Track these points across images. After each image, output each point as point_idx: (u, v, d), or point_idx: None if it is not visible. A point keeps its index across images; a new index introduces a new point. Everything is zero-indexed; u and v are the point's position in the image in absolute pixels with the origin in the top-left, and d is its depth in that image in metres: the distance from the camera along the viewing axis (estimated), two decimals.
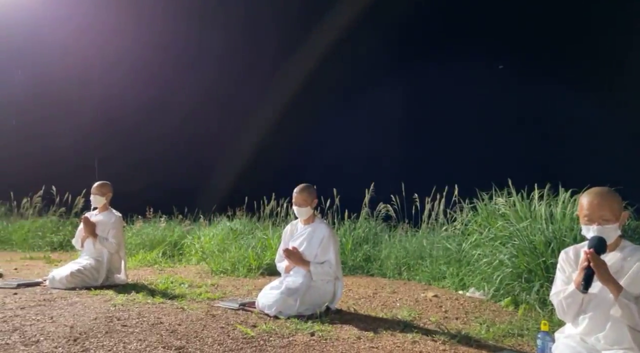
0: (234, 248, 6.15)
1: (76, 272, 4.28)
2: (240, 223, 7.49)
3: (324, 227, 3.62)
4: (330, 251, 3.55)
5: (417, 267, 5.56)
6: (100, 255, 4.48)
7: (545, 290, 3.68)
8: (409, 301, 4.14)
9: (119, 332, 2.75)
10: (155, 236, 7.45)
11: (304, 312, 3.33)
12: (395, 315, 3.49)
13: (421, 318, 3.44)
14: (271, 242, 6.16)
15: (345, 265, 5.86)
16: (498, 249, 4.40)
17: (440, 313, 3.64)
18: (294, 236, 3.72)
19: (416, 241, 5.99)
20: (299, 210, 3.64)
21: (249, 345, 2.59)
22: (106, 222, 4.57)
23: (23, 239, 8.07)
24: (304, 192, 3.62)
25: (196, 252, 6.76)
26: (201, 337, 2.72)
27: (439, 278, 5.15)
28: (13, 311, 3.22)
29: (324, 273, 3.51)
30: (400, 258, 5.78)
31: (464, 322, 3.38)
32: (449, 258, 5.29)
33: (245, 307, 3.58)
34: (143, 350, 2.43)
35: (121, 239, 4.63)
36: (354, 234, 6.54)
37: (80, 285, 4.24)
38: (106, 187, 4.70)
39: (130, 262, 6.18)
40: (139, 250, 7.04)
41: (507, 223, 4.52)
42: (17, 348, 2.38)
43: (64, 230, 8.34)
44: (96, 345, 2.47)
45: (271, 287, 3.54)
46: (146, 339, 2.61)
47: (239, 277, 5.42)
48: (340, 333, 2.92)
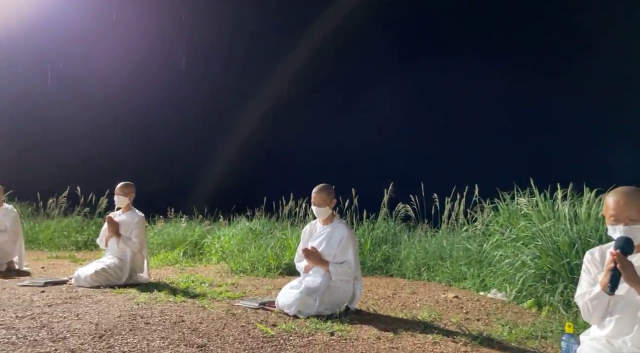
0: (253, 248, 6.19)
1: (101, 271, 4.38)
2: (259, 224, 7.54)
3: (343, 228, 3.62)
4: (349, 251, 3.55)
5: (437, 268, 5.51)
6: (123, 255, 4.58)
7: (570, 292, 3.60)
8: (429, 302, 4.10)
9: (142, 329, 2.81)
10: (177, 236, 7.57)
11: (323, 312, 3.33)
12: (416, 316, 3.47)
13: (442, 320, 3.41)
14: (290, 242, 6.19)
15: (365, 266, 5.84)
16: (520, 250, 4.33)
17: (462, 315, 3.60)
18: (313, 236, 3.73)
19: (436, 242, 5.94)
20: (318, 210, 3.64)
21: (270, 344, 2.61)
22: (129, 222, 4.67)
23: (50, 239, 8.28)
24: (322, 193, 3.62)
25: (216, 252, 6.84)
26: (222, 335, 2.75)
27: (460, 279, 5.09)
28: (41, 308, 3.32)
29: (343, 274, 3.50)
30: (420, 259, 5.73)
31: (486, 323, 3.34)
32: (470, 259, 5.22)
33: (265, 306, 3.60)
34: (166, 347, 2.47)
35: (144, 239, 4.72)
36: (373, 235, 6.52)
37: (105, 284, 4.33)
38: (129, 188, 4.79)
39: (152, 261, 6.28)
40: (160, 250, 7.16)
41: (529, 224, 4.44)
42: (45, 344, 2.45)
43: (89, 230, 8.54)
44: (121, 343, 2.52)
45: (291, 286, 3.56)
46: (169, 337, 2.66)
47: (259, 276, 5.46)
48: (360, 333, 2.92)
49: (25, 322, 2.91)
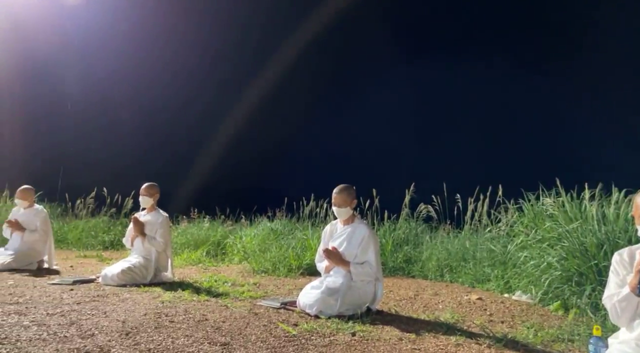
0: (274, 248, 6.24)
1: (127, 269, 4.48)
2: (280, 224, 7.59)
3: (363, 228, 3.61)
4: (370, 251, 3.54)
5: (459, 269, 5.44)
6: (148, 254, 4.68)
7: (598, 294, 3.51)
8: (452, 303, 4.06)
9: (167, 327, 2.86)
10: (200, 236, 7.68)
11: (344, 312, 3.33)
12: (438, 318, 3.44)
13: (465, 321, 3.37)
14: (311, 243, 6.21)
15: (386, 267, 5.82)
16: (546, 251, 4.24)
17: (485, 317, 3.55)
18: (333, 236, 3.73)
19: (459, 242, 5.87)
20: (338, 210, 3.65)
21: (291, 344, 2.62)
22: (154, 222, 4.77)
23: (77, 238, 8.51)
24: (343, 193, 3.62)
25: (238, 252, 6.92)
26: (245, 334, 2.78)
27: (483, 280, 5.02)
28: (70, 306, 3.42)
29: (364, 274, 3.50)
30: (442, 260, 5.67)
31: (510, 325, 3.28)
32: (494, 260, 5.14)
33: (287, 306, 3.63)
34: (190, 345, 2.52)
35: (168, 238, 4.81)
36: (394, 235, 6.48)
37: (130, 283, 4.43)
38: (154, 188, 4.90)
39: (176, 260, 6.40)
40: (184, 250, 7.28)
41: (555, 225, 4.35)
42: (74, 340, 2.52)
43: (115, 230, 8.75)
44: (146, 340, 2.58)
45: (312, 286, 3.57)
46: (193, 335, 2.71)
47: (280, 276, 5.50)
48: (382, 334, 2.91)
49: (55, 318, 3.00)
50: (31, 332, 2.65)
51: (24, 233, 5.47)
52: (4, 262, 5.21)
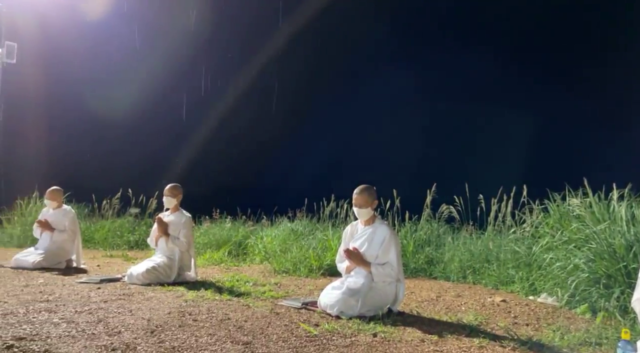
0: (295, 248, 6.27)
1: (151, 269, 4.57)
2: (300, 224, 7.62)
3: (384, 228, 3.60)
4: (391, 252, 3.52)
5: (483, 270, 5.36)
6: (172, 254, 4.76)
7: (626, 297, 3.41)
8: (475, 305, 4.00)
9: (190, 326, 2.91)
10: (222, 236, 7.78)
11: (365, 313, 3.32)
12: (461, 319, 3.40)
13: (488, 324, 3.32)
14: (331, 243, 6.21)
15: (407, 268, 5.77)
16: (572, 253, 4.14)
17: (509, 319, 3.49)
18: (354, 237, 3.73)
19: (482, 244, 5.78)
20: (359, 211, 3.64)
21: (312, 344, 2.63)
22: (177, 222, 4.85)
23: (104, 238, 8.72)
24: (363, 193, 3.61)
25: (259, 252, 6.98)
26: (266, 333, 2.81)
27: (507, 282, 4.93)
28: (97, 304, 3.51)
29: (385, 275, 3.48)
30: (464, 261, 5.60)
31: (535, 328, 3.22)
32: (518, 262, 5.05)
33: (308, 306, 3.64)
34: (213, 343, 2.55)
35: (191, 238, 4.89)
36: (416, 236, 6.43)
37: (155, 282, 4.52)
38: (177, 189, 4.99)
39: (198, 260, 6.49)
40: (206, 250, 7.38)
41: (582, 226, 4.24)
42: (102, 338, 2.59)
43: (139, 230, 8.93)
44: (171, 338, 2.63)
45: (333, 287, 3.58)
46: (215, 334, 2.74)
47: (301, 276, 5.52)
48: (404, 335, 2.89)
49: (84, 316, 3.08)
50: (60, 329, 2.74)
51: (53, 233, 5.64)
52: (34, 261, 5.39)
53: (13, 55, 11.57)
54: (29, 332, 2.62)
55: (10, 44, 11.57)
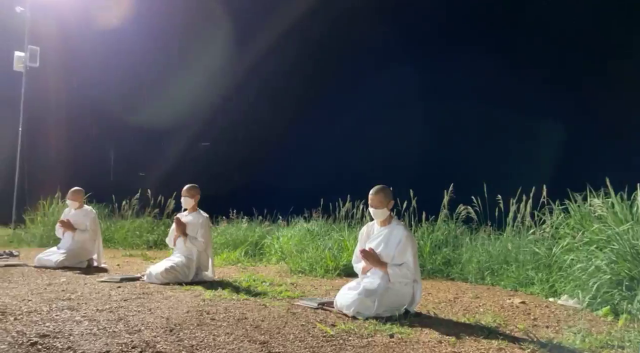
0: (311, 248, 6.28)
1: (170, 268, 4.64)
2: (316, 225, 7.63)
3: (401, 229, 3.58)
4: (408, 253, 3.50)
5: (501, 271, 5.29)
6: (190, 253, 4.82)
7: None
8: (494, 307, 3.95)
9: (208, 325, 2.95)
10: (238, 236, 7.84)
11: (382, 314, 3.31)
12: (479, 321, 3.36)
13: (507, 325, 3.27)
14: (347, 244, 6.20)
15: (424, 269, 5.73)
16: (594, 254, 4.06)
17: (529, 321, 3.44)
18: (370, 237, 3.72)
19: (500, 245, 5.70)
20: (375, 211, 3.63)
21: (329, 344, 2.64)
22: (195, 222, 4.91)
23: (124, 238, 8.87)
24: (379, 194, 3.60)
25: (275, 252, 7.01)
26: (283, 333, 2.82)
27: (527, 284, 4.86)
28: (117, 302, 3.58)
29: (402, 276, 3.46)
30: (482, 262, 5.53)
31: (556, 330, 3.16)
32: (538, 263, 4.97)
33: (324, 306, 3.65)
34: (230, 342, 2.58)
35: (209, 238, 4.95)
36: (432, 237, 6.38)
37: (173, 281, 4.58)
38: (195, 190, 5.05)
39: (216, 260, 6.54)
40: (223, 250, 7.45)
41: (604, 227, 4.16)
42: (122, 335, 2.64)
43: (158, 230, 9.06)
44: (189, 336, 2.67)
45: (349, 287, 3.58)
46: (233, 333, 2.77)
47: (317, 277, 5.53)
48: (421, 336, 2.88)
49: (105, 314, 3.15)
50: (82, 326, 2.80)
51: (75, 232, 5.76)
52: (57, 260, 5.51)
53: (36, 59, 11.87)
54: (52, 330, 2.69)
55: (33, 48, 11.88)
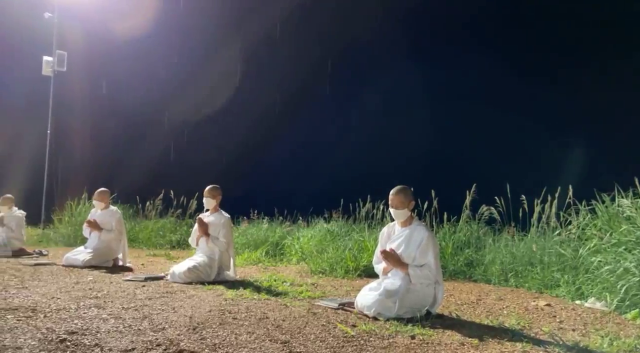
0: (331, 249, 6.28)
1: (192, 268, 4.71)
2: (336, 225, 7.62)
3: (422, 229, 3.55)
4: (429, 254, 3.47)
5: (526, 273, 5.19)
6: (212, 253, 4.89)
7: None
8: (518, 309, 3.88)
9: (230, 324, 2.98)
10: (259, 236, 7.90)
11: (403, 315, 3.29)
12: (502, 323, 3.30)
13: (532, 328, 3.21)
14: (368, 244, 6.18)
15: (446, 270, 5.67)
16: (622, 256, 3.95)
17: (554, 324, 3.36)
18: (391, 238, 3.70)
19: (524, 246, 5.60)
20: (395, 212, 3.61)
21: (350, 344, 2.64)
22: (217, 223, 4.98)
23: (147, 238, 9.05)
24: (400, 194, 3.58)
25: (296, 252, 7.04)
26: (304, 333, 2.84)
27: (552, 286, 4.75)
28: (142, 301, 3.65)
29: (423, 277, 3.44)
30: (506, 264, 5.44)
31: (582, 334, 3.09)
32: (564, 264, 4.86)
33: (345, 306, 3.65)
34: (252, 341, 2.61)
35: (230, 238, 5.00)
36: (454, 238, 6.30)
37: (196, 280, 4.65)
38: (216, 190, 5.12)
39: (237, 260, 6.61)
40: (244, 250, 7.52)
41: (633, 228, 4.04)
42: (147, 333, 2.70)
43: (181, 230, 9.21)
44: (212, 335, 2.70)
45: (370, 288, 3.57)
46: (254, 332, 2.80)
47: (337, 277, 5.53)
48: (442, 338, 2.85)
49: (130, 312, 3.22)
50: (109, 324, 2.87)
51: (101, 232, 5.91)
52: (84, 259, 5.66)
53: (63, 63, 12.23)
54: (80, 327, 2.77)
55: (61, 53, 12.24)
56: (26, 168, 12.47)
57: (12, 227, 6.87)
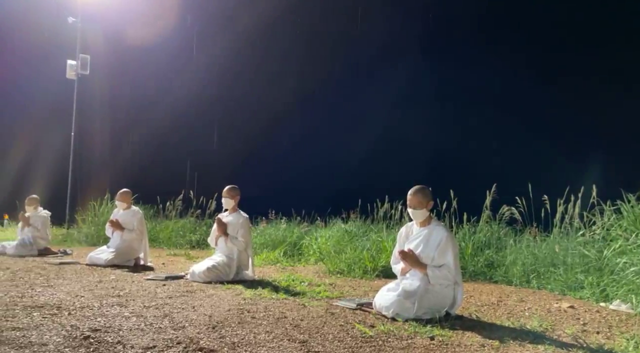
0: (349, 249, 6.27)
1: (212, 267, 4.76)
2: (354, 226, 7.60)
3: (441, 230, 3.51)
4: (448, 254, 3.43)
5: (548, 274, 5.09)
6: (231, 253, 4.93)
7: None
8: (540, 311, 3.81)
9: (249, 323, 3.00)
10: (277, 236, 7.94)
11: (422, 316, 3.27)
12: (524, 325, 3.25)
13: (554, 330, 3.15)
14: (386, 245, 6.15)
15: (466, 271, 5.60)
16: None
17: (578, 326, 3.29)
18: (409, 238, 3.67)
19: (547, 247, 5.49)
20: (414, 212, 3.58)
21: (368, 345, 2.63)
22: (235, 223, 5.02)
23: (168, 237, 9.19)
24: (418, 194, 3.55)
25: (314, 252, 7.05)
26: (322, 333, 2.84)
27: (575, 288, 4.65)
28: (163, 300, 3.71)
29: (442, 277, 3.40)
30: (528, 265, 5.34)
31: (607, 336, 3.01)
32: (587, 266, 4.75)
33: (363, 307, 3.64)
34: (270, 341, 2.62)
35: (249, 238, 5.04)
36: (474, 238, 6.22)
37: (215, 280, 4.70)
38: (235, 191, 5.17)
39: (255, 260, 6.65)
40: (262, 250, 7.56)
41: None
42: (167, 331, 2.74)
43: (200, 230, 9.32)
44: (231, 333, 2.73)
45: (388, 288, 3.55)
46: (273, 331, 2.81)
47: (355, 278, 5.51)
48: (462, 339, 2.82)
49: (151, 311, 3.27)
50: (131, 322, 2.92)
51: (123, 232, 6.02)
52: (107, 258, 5.78)
53: (86, 66, 12.51)
54: (102, 324, 2.83)
55: (84, 57, 12.52)
56: (51, 169, 12.81)
57: (38, 226, 7.05)
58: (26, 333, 2.55)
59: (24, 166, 13.43)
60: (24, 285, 4.18)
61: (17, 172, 13.32)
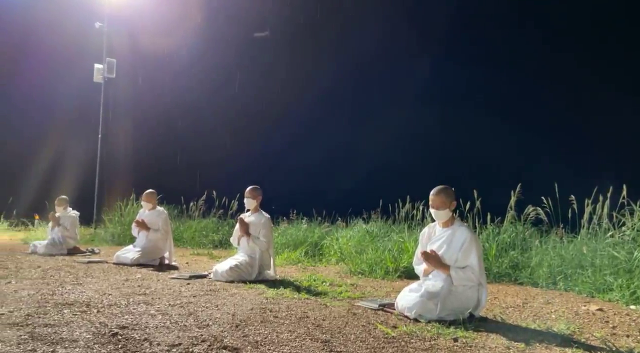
0: (371, 250, 6.25)
1: (235, 267, 4.82)
2: (376, 226, 7.58)
3: (465, 230, 3.47)
4: (472, 256, 3.38)
5: (576, 276, 4.96)
6: (253, 253, 4.98)
7: None
8: (567, 314, 3.72)
9: (272, 322, 3.03)
10: (298, 237, 7.97)
11: (445, 318, 3.23)
12: (550, 328, 3.18)
13: (582, 334, 3.07)
14: (408, 246, 6.10)
15: (490, 272, 5.51)
16: None
17: (607, 330, 3.20)
18: (432, 239, 3.63)
19: (574, 248, 5.35)
20: (436, 213, 3.54)
21: (391, 345, 2.62)
22: (257, 223, 5.07)
23: (192, 238, 9.34)
24: (441, 194, 3.51)
25: (335, 253, 7.06)
26: (344, 333, 2.84)
27: (604, 290, 4.52)
28: (187, 299, 3.78)
29: (466, 279, 3.36)
30: (554, 267, 5.22)
31: (638, 340, 2.92)
32: (617, 268, 4.61)
33: (385, 308, 3.62)
34: (293, 340, 2.64)
35: (271, 238, 5.09)
36: (499, 239, 6.11)
37: (238, 279, 4.76)
38: (257, 191, 5.22)
39: (277, 260, 6.70)
40: (284, 250, 7.61)
41: None
42: (192, 330, 2.79)
43: (223, 230, 9.45)
44: (254, 333, 2.76)
45: (410, 289, 3.52)
46: (295, 331, 2.83)
47: (377, 278, 5.49)
48: (487, 341, 2.78)
49: (176, 309, 3.34)
50: (157, 320, 2.99)
51: (149, 232, 6.15)
52: (133, 258, 5.92)
53: (113, 70, 12.84)
54: (130, 322, 2.90)
55: (111, 61, 12.85)
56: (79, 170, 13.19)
57: (67, 226, 7.27)
58: (58, 330, 2.64)
59: (54, 168, 13.88)
60: (54, 283, 4.32)
61: (46, 173, 13.78)
